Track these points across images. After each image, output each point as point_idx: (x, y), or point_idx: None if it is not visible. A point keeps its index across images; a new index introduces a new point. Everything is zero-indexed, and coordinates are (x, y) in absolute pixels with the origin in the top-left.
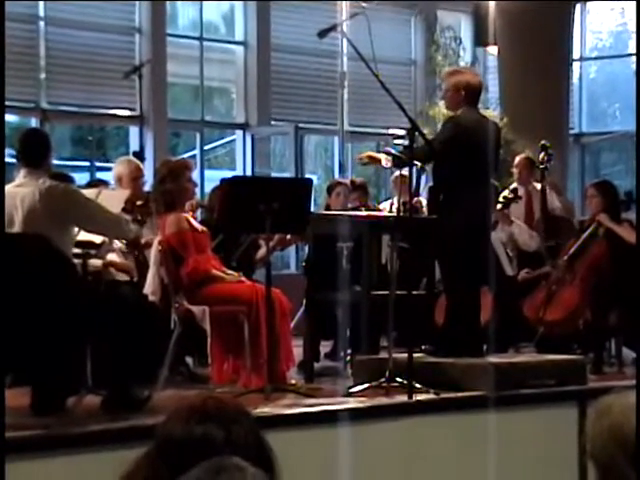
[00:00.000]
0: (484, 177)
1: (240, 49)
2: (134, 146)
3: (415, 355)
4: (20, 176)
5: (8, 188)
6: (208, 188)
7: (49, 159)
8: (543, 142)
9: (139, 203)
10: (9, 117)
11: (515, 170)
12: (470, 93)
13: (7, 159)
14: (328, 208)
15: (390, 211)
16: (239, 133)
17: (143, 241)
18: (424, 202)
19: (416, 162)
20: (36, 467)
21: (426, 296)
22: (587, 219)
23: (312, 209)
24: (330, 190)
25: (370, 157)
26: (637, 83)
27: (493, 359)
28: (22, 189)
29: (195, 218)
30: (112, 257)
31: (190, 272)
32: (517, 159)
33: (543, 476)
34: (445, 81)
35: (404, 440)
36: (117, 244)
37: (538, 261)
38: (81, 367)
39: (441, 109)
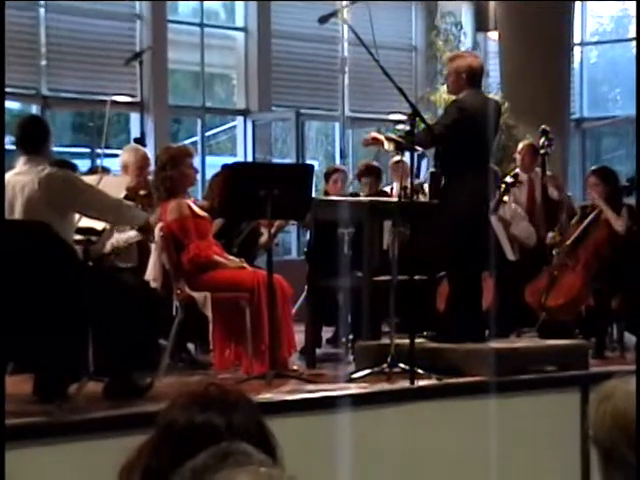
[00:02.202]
0: (485, 161)
1: (241, 35)
2: (135, 133)
3: (417, 341)
4: (20, 163)
5: (8, 176)
6: (209, 174)
7: (48, 146)
8: (543, 127)
9: (142, 193)
10: (10, 104)
11: (518, 157)
12: (472, 76)
13: (7, 146)
14: (326, 195)
15: (390, 197)
16: (240, 119)
17: None
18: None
19: (417, 147)
20: (38, 454)
21: (428, 282)
22: (589, 205)
23: (313, 195)
24: (327, 177)
25: (374, 138)
26: (637, 73)
27: (495, 344)
28: (22, 177)
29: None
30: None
31: (191, 258)
32: (520, 145)
33: (545, 461)
34: (447, 66)
35: (406, 426)
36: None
37: (539, 252)
38: (83, 354)
39: (442, 94)
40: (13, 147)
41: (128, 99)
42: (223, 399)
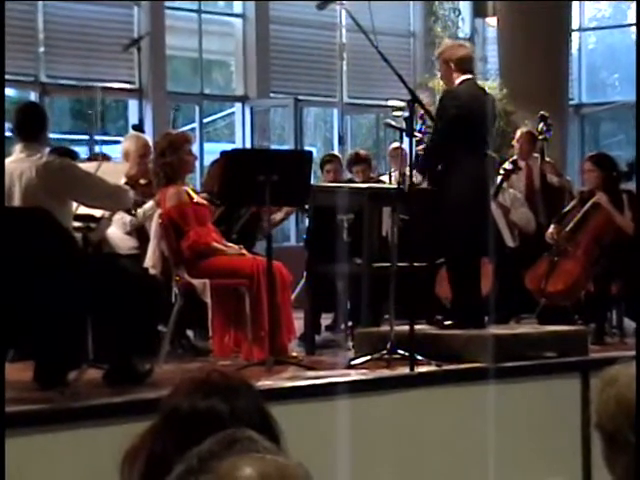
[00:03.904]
0: (481, 149)
1: (239, 21)
2: (133, 119)
3: (416, 327)
4: (17, 150)
5: (6, 163)
6: (207, 161)
7: (46, 133)
8: (542, 113)
9: (143, 181)
10: (8, 91)
11: (516, 144)
12: (459, 63)
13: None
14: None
15: (390, 184)
16: (238, 106)
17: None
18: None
19: (416, 134)
20: (39, 441)
21: (427, 268)
22: (586, 190)
23: (312, 181)
24: (322, 166)
25: None
26: (637, 61)
27: (494, 330)
28: (19, 164)
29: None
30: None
31: (191, 245)
32: (518, 133)
33: (546, 447)
34: (437, 61)
35: (406, 412)
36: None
37: (539, 238)
38: (82, 340)
39: (440, 81)
40: (9, 134)
41: (126, 86)
42: (226, 386)
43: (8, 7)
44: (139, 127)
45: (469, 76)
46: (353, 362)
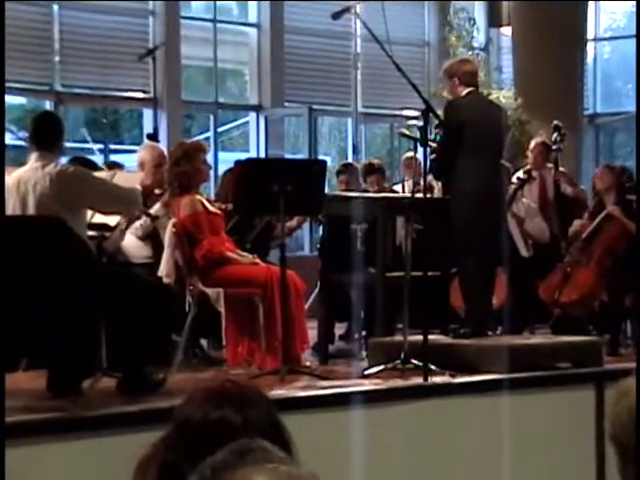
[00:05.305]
0: (489, 157)
1: (253, 31)
2: (148, 128)
3: (430, 337)
4: (32, 159)
5: (20, 172)
6: (222, 170)
7: (61, 142)
8: (556, 122)
9: (158, 191)
10: (23, 100)
11: (530, 155)
12: (464, 77)
13: (19, 142)
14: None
15: (403, 193)
16: (253, 115)
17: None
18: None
19: (430, 144)
20: (52, 450)
21: (441, 278)
22: (596, 200)
23: (326, 190)
24: (337, 175)
25: None
26: (637, 72)
27: (508, 340)
28: (34, 174)
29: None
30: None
31: (204, 254)
32: (532, 143)
33: (560, 459)
34: (445, 76)
35: (419, 422)
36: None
37: (553, 248)
38: (96, 349)
39: None
40: (17, 142)
41: (141, 95)
42: (239, 396)
43: (24, 16)
44: (154, 136)
45: (473, 88)
46: (367, 372)
